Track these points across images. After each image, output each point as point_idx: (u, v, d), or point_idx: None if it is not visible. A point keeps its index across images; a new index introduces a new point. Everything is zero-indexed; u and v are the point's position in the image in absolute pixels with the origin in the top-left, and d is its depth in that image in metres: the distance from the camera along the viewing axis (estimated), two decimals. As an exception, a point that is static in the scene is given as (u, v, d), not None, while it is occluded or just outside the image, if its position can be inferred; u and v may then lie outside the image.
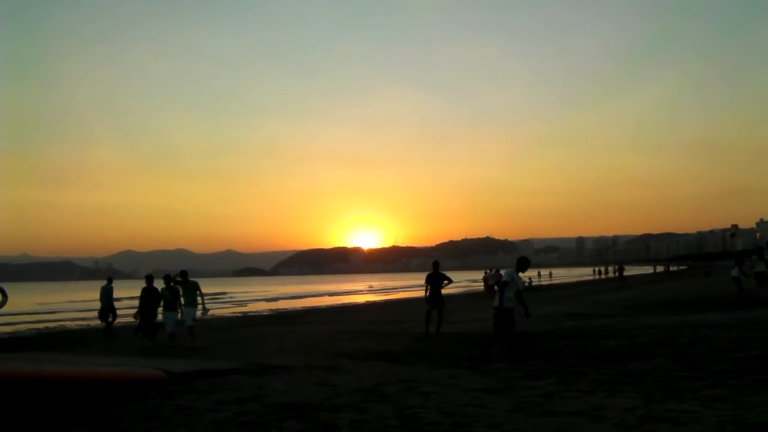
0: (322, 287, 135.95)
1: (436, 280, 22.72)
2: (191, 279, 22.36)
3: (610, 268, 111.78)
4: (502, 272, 16.74)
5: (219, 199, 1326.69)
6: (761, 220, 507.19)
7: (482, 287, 66.36)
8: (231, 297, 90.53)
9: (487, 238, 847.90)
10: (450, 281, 23.27)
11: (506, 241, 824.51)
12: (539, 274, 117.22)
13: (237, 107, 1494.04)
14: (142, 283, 24.05)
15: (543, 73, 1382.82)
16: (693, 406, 9.02)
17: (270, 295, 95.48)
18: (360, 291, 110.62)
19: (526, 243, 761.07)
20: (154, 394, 11.53)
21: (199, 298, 21.80)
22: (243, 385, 12.49)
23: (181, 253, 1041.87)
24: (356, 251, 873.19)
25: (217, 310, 51.46)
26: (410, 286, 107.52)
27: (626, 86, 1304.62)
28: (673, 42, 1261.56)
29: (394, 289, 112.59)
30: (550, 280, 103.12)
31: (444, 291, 23.03)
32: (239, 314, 51.04)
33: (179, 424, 9.37)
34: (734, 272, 34.35)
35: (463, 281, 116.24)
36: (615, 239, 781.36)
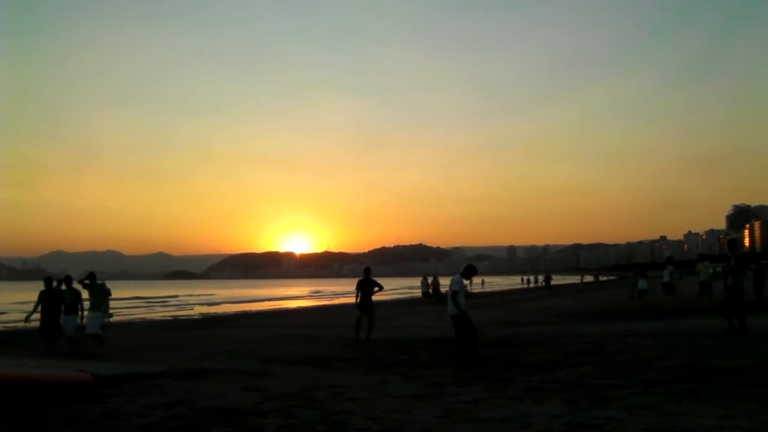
0: (253, 291, 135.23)
1: (367, 287, 22.76)
2: (98, 281, 21.43)
3: (539, 277, 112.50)
4: (442, 279, 16.89)
5: (151, 200, 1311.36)
6: (689, 232, 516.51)
7: (419, 293, 66.85)
8: (179, 300, 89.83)
9: (420, 245, 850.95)
10: (381, 288, 23.31)
11: (438, 248, 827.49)
12: (471, 282, 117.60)
13: (169, 107, 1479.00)
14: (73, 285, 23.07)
15: (478, 81, 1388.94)
16: (618, 414, 9.15)
17: (205, 299, 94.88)
18: (291, 296, 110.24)
19: (458, 250, 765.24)
20: (82, 398, 11.41)
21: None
22: (171, 389, 12.41)
23: (112, 255, 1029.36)
24: (288, 256, 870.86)
25: (148, 313, 51.14)
26: (342, 292, 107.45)
27: (561, 95, 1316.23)
28: (612, 53, 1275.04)
29: (326, 294, 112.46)
30: (482, 288, 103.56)
31: (375, 297, 23.08)
32: (169, 317, 50.61)
33: (106, 428, 9.29)
34: (642, 284, 35.38)
35: (400, 287, 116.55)
36: (546, 248, 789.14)
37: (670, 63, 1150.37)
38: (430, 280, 59.89)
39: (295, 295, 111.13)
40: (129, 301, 77.60)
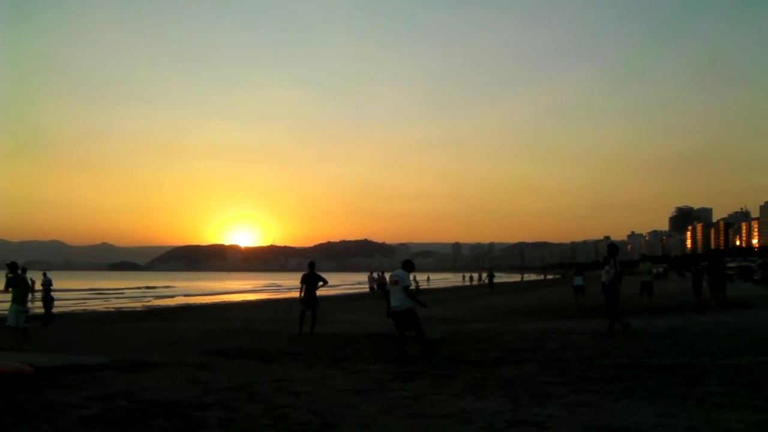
0: (197, 284, 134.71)
1: (311, 281, 22.78)
2: (20, 272, 20.40)
3: (483, 275, 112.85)
4: (389, 274, 16.83)
5: (95, 190, 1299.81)
6: (632, 232, 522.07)
7: (367, 289, 67.06)
8: (122, 291, 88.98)
9: (365, 240, 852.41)
10: (325, 282, 23.36)
11: (384, 244, 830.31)
12: (416, 278, 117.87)
13: (115, 95, 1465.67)
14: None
15: (430, 76, 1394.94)
16: (558, 411, 9.23)
17: (148, 291, 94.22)
18: (236, 290, 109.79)
19: (404, 247, 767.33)
20: (21, 389, 11.28)
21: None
22: (112, 381, 12.30)
23: (54, 245, 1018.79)
24: (233, 249, 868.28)
25: (91, 305, 50.67)
26: (286, 286, 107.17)
27: (510, 93, 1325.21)
28: (559, 54, 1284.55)
29: (270, 288, 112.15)
30: (428, 284, 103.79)
31: (320, 292, 23.10)
32: (112, 309, 50.23)
33: (45, 420, 9.17)
34: (577, 281, 35.89)
35: (346, 283, 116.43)
36: (491, 246, 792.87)
37: (617, 63, 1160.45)
38: (376, 275, 60.13)
39: (240, 289, 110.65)
40: (71, 292, 76.75)
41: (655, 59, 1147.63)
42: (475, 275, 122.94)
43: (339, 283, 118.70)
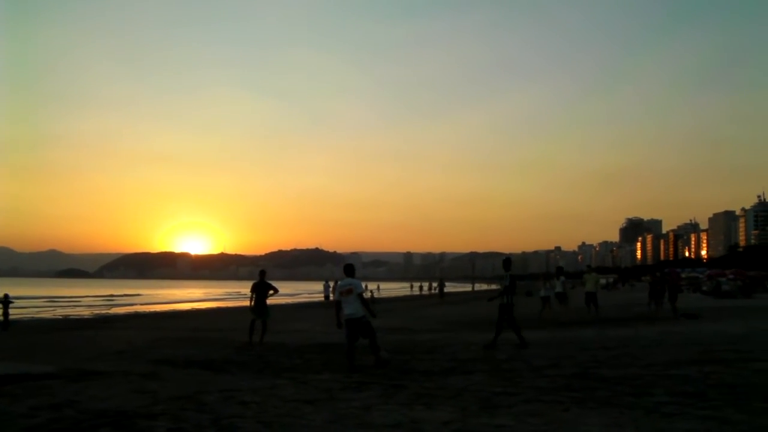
0: (146, 292, 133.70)
1: (262, 289, 22.69)
2: None
3: (433, 284, 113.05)
4: (342, 282, 16.69)
5: (43, 196, 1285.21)
6: (583, 243, 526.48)
7: (321, 298, 66.79)
8: (70, 299, 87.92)
9: (317, 249, 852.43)
10: (275, 291, 23.27)
11: (335, 253, 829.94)
12: (367, 287, 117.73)
13: (64, 102, 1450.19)
14: None
15: (384, 87, 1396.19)
16: (507, 421, 9.23)
17: (96, 299, 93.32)
18: (185, 298, 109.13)
19: (355, 256, 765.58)
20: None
21: None
22: (59, 390, 12.16)
23: (2, 251, 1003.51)
24: (183, 257, 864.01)
25: (38, 312, 50.09)
26: (237, 294, 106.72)
27: (461, 107, 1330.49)
28: (512, 68, 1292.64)
29: (220, 296, 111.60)
30: (379, 293, 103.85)
31: (270, 301, 23.01)
32: (60, 317, 49.72)
33: (-12, 429, 9.05)
34: (543, 292, 36.14)
35: (298, 292, 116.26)
36: (442, 256, 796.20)
37: (570, 78, 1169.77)
38: (332, 284, 59.99)
39: (190, 297, 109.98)
40: (19, 299, 75.78)
41: (606, 75, 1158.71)
42: (425, 285, 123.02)
43: (294, 292, 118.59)
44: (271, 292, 23.04)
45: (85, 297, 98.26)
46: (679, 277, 36.52)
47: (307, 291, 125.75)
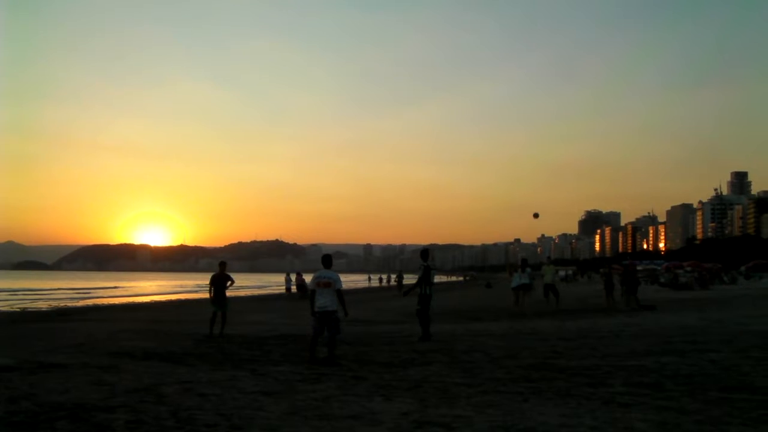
0: (105, 284, 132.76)
1: (221, 281, 22.63)
2: None
3: (392, 276, 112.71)
4: (312, 275, 16.58)
5: (0, 187, 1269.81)
6: (542, 235, 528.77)
7: (282, 290, 66.53)
8: (28, 291, 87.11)
9: (277, 241, 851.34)
10: (232, 282, 23.21)
11: (295, 245, 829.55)
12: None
13: (19, 91, 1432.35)
14: None
15: (345, 79, 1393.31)
16: (466, 412, 9.30)
17: (55, 291, 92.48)
18: (144, 289, 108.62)
19: (315, 248, 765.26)
20: None
21: None
22: (16, 383, 12.06)
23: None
24: (143, 248, 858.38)
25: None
26: (196, 287, 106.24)
27: (424, 97, 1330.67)
28: (475, 55, 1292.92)
29: (180, 288, 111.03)
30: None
31: (232, 293, 22.95)
32: (17, 309, 49.23)
33: (-57, 422, 8.97)
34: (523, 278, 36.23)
35: (259, 284, 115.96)
36: (402, 248, 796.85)
37: (530, 71, 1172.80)
38: (293, 277, 59.90)
39: (149, 289, 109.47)
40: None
41: (567, 68, 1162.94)
42: (384, 277, 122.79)
43: (255, 284, 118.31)
44: (229, 283, 23.00)
45: (58, 290, 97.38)
46: (635, 269, 36.73)
47: (268, 283, 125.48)
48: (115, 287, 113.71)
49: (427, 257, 20.04)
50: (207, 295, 24.86)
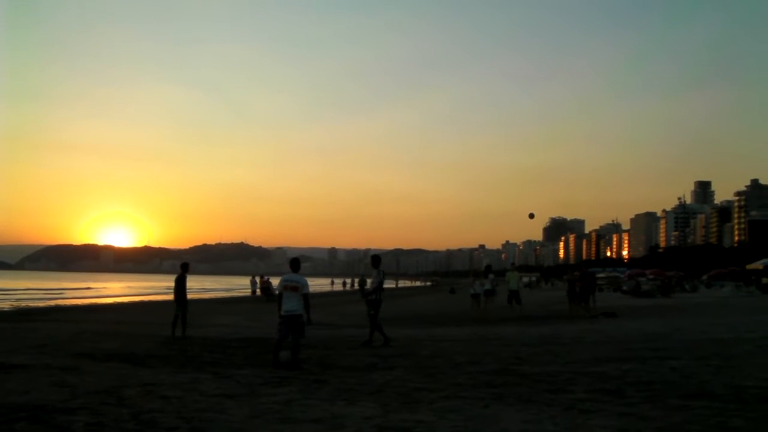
0: (68, 284, 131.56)
1: (183, 283, 22.59)
2: None
3: (355, 280, 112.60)
4: (279, 278, 16.52)
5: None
6: (507, 242, 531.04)
7: (247, 292, 66.33)
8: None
9: (242, 243, 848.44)
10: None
11: (260, 247, 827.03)
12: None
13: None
14: None
15: (311, 81, 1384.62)
16: (428, 417, 9.32)
17: (17, 291, 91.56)
18: (108, 290, 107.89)
19: (280, 251, 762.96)
20: None
21: None
22: (-26, 383, 11.97)
23: None
24: (107, 249, 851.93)
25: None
26: (160, 289, 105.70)
27: (386, 103, 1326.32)
28: (445, 59, 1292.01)
29: (143, 290, 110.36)
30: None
31: (196, 295, 22.90)
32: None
33: None
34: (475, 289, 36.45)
35: (225, 287, 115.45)
36: (367, 252, 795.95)
37: (497, 76, 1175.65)
38: (258, 279, 59.78)
39: (112, 290, 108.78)
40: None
41: (533, 73, 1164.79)
42: (348, 280, 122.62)
43: (219, 287, 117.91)
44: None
45: (20, 290, 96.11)
46: (592, 277, 37.02)
47: (233, 285, 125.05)
48: (80, 288, 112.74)
49: (379, 263, 20.02)
50: (169, 297, 24.76)
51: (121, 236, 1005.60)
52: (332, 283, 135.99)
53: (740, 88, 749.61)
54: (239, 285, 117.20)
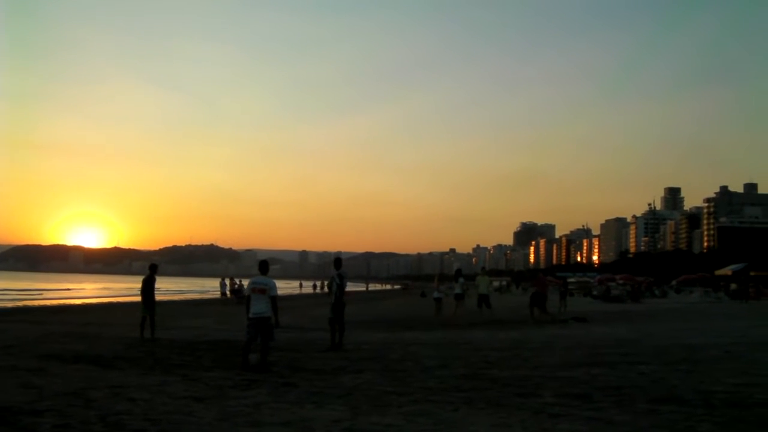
0: (36, 285, 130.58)
1: (152, 284, 22.50)
2: None
3: (326, 283, 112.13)
4: (248, 280, 16.48)
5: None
6: (478, 246, 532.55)
7: (217, 295, 66.11)
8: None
9: (212, 245, 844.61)
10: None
11: (231, 249, 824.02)
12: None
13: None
14: None
15: (283, 84, 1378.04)
16: (397, 420, 9.32)
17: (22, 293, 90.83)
18: (77, 291, 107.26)
19: (250, 253, 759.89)
20: None
21: None
22: (-60, 384, 11.87)
23: None
24: (76, 250, 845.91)
25: None
26: (129, 290, 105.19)
27: (362, 106, 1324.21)
28: (415, 65, 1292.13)
29: (113, 291, 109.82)
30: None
31: (166, 297, 22.83)
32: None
33: None
34: (436, 294, 36.67)
35: (208, 287, 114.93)
36: (338, 255, 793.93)
37: (471, 82, 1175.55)
38: (228, 282, 59.59)
39: (81, 291, 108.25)
40: None
41: (504, 80, 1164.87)
42: (318, 283, 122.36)
43: (189, 288, 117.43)
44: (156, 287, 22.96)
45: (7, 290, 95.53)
46: (545, 283, 37.24)
47: (203, 287, 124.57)
48: (49, 289, 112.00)
49: (340, 266, 19.97)
50: (138, 299, 24.60)
51: (91, 237, 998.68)
52: (301, 285, 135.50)
53: (711, 96, 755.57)
54: (209, 287, 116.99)
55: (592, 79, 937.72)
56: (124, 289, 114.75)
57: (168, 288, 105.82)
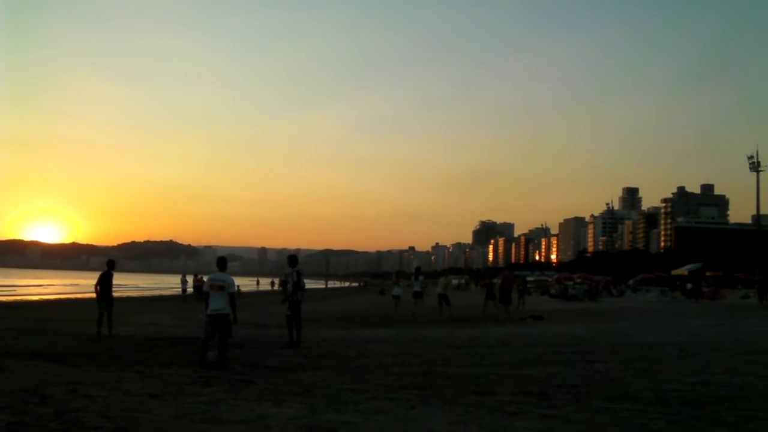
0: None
1: (109, 280, 22.34)
2: None
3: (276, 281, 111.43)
4: (207, 277, 16.42)
5: None
6: (437, 244, 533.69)
7: (177, 291, 65.83)
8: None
9: (171, 241, 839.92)
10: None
11: (190, 246, 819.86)
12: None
13: None
14: None
15: (243, 79, 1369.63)
16: (354, 418, 9.34)
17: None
18: (33, 287, 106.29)
19: (210, 249, 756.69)
20: None
21: None
22: None
23: None
24: (33, 245, 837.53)
25: None
26: (86, 286, 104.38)
27: (323, 102, 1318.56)
28: (377, 63, 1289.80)
29: (70, 287, 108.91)
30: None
31: (124, 293, 22.70)
32: None
33: None
34: (396, 290, 36.82)
35: (167, 284, 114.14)
36: (297, 252, 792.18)
37: (436, 80, 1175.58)
38: (189, 279, 59.24)
39: (38, 286, 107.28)
40: None
41: (464, 80, 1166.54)
42: (276, 280, 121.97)
43: (148, 285, 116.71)
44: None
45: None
46: (512, 279, 37.64)
47: (162, 284, 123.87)
48: (4, 285, 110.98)
49: (296, 263, 19.92)
50: (95, 295, 24.40)
51: (48, 232, 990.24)
52: (258, 282, 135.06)
53: (665, 96, 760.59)
54: (168, 283, 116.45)
55: (550, 80, 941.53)
56: (82, 284, 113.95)
57: (126, 284, 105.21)
